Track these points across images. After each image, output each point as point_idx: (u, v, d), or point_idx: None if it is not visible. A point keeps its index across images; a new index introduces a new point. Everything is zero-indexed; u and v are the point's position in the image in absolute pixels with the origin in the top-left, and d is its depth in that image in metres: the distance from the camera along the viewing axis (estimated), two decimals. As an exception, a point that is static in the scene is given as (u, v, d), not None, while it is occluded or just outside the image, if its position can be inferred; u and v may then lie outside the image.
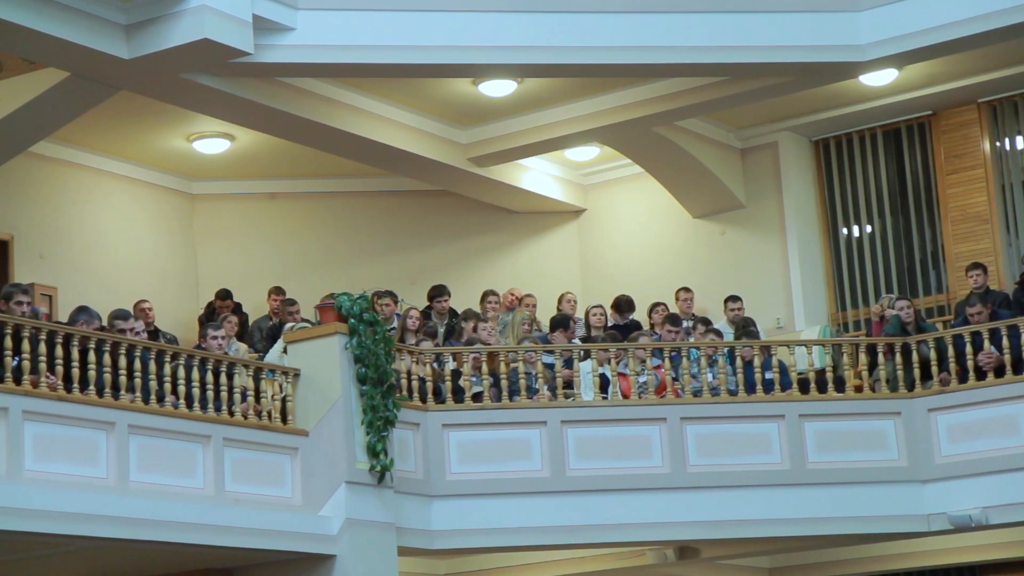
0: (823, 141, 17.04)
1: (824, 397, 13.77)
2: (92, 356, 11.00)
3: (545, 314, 15.76)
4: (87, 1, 12.05)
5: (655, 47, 13.68)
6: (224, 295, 15.88)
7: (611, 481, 13.28)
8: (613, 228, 17.55)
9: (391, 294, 14.65)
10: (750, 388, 13.73)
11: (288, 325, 14.29)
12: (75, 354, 10.91)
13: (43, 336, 10.74)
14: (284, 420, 12.29)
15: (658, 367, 13.89)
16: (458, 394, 13.39)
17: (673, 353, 13.94)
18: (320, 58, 13.20)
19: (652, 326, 15.40)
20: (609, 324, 15.52)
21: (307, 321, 14.44)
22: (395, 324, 14.43)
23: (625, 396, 13.70)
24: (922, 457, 13.62)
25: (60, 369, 10.80)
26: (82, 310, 11.77)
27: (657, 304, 15.65)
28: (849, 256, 16.85)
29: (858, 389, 13.99)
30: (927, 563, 15.66)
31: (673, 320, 14.81)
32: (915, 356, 13.81)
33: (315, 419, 12.28)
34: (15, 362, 10.54)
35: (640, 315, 15.84)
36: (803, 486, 13.46)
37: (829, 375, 13.90)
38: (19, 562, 11.30)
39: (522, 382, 13.44)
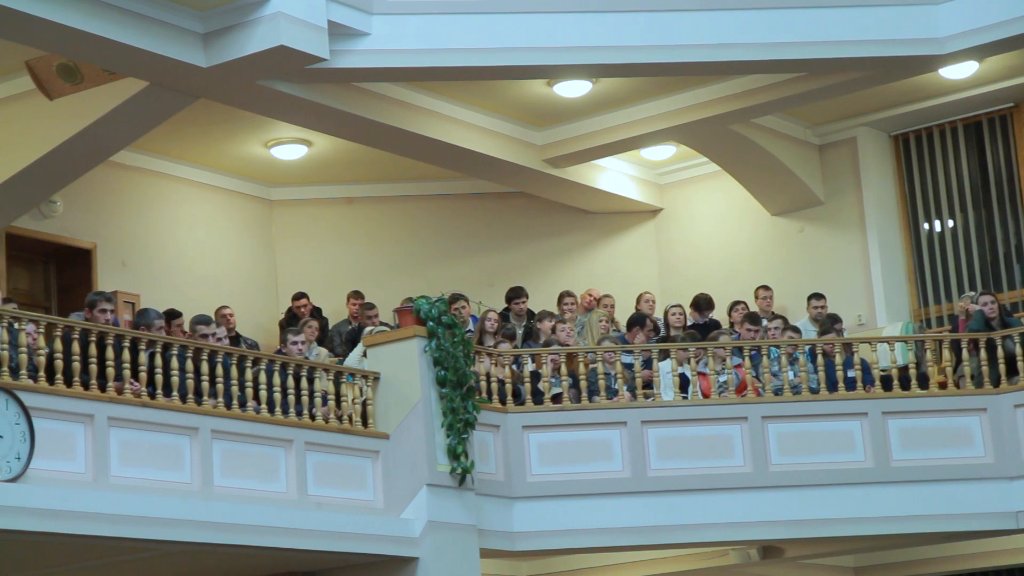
0: (903, 136, 16.87)
1: (908, 394, 13.63)
2: (175, 362, 11.09)
3: (624, 314, 15.72)
4: (165, 11, 12.16)
5: (731, 44, 13.60)
6: (298, 296, 15.99)
7: (693, 481, 13.23)
8: (691, 227, 17.47)
9: (464, 297, 14.66)
10: (832, 386, 13.62)
11: (367, 329, 14.34)
12: (158, 360, 11.01)
13: (126, 343, 10.85)
14: (365, 424, 12.34)
15: (738, 366, 13.81)
16: (537, 396, 13.39)
17: (753, 352, 13.85)
18: (395, 62, 13.24)
19: (732, 325, 15.31)
20: (688, 323, 15.45)
21: (386, 325, 14.49)
22: (471, 327, 14.44)
23: (705, 395, 13.64)
24: (1009, 453, 13.44)
25: (143, 376, 10.91)
26: (141, 314, 11.89)
27: (737, 303, 15.56)
28: (931, 251, 16.67)
29: (942, 385, 13.83)
30: (1015, 561, 15.46)
31: (752, 319, 14.71)
32: (1000, 351, 13.63)
33: (395, 422, 12.32)
34: (99, 369, 10.65)
35: (720, 314, 15.76)
36: (888, 484, 13.34)
37: (912, 372, 13.75)
38: (106, 567, 11.41)
39: (601, 383, 13.41)
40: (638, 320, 14.78)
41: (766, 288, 15.92)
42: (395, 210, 17.51)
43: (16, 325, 10.31)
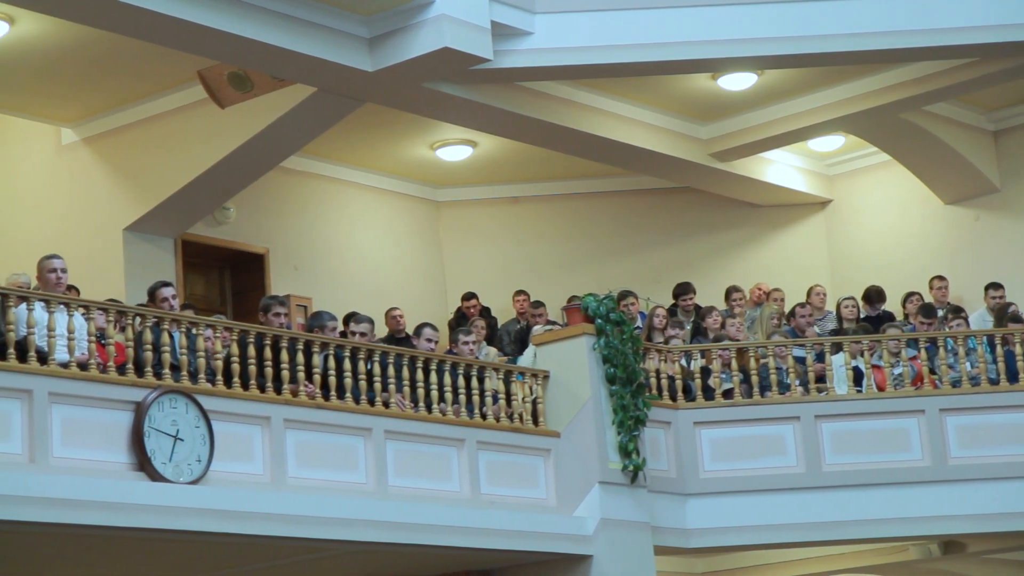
0: (1080, 119, 16.45)
1: (1092, 384, 13.27)
2: (348, 364, 11.21)
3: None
4: (331, 17, 12.32)
5: (901, 31, 13.34)
6: (468, 296, 16.09)
7: (869, 475, 13.04)
8: (862, 218, 17.22)
9: (632, 294, 14.61)
10: (1012, 377, 13.29)
11: (535, 328, 14.37)
12: (331, 362, 11.15)
13: (300, 346, 11.00)
14: (535, 422, 12.36)
15: (913, 358, 13.55)
16: (708, 392, 13.29)
17: (928, 343, 13.58)
18: (559, 61, 13.24)
19: (906, 316, 15.04)
20: (861, 316, 15.22)
21: (553, 323, 14.50)
22: (640, 323, 14.38)
23: (880, 388, 13.41)
24: None
25: (317, 377, 11.05)
26: (314, 316, 12.04)
27: (911, 294, 15.29)
28: (1113, 236, 16.22)
29: None
30: None
31: (927, 310, 14.44)
32: None
33: (566, 420, 12.33)
34: (275, 372, 10.82)
35: (894, 305, 15.49)
36: (1075, 476, 13.01)
37: (1097, 361, 13.37)
38: (283, 567, 11.58)
39: (773, 377, 13.27)
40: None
41: (941, 278, 15.62)
42: (561, 208, 17.53)
43: (194, 330, 10.53)
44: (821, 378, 13.50)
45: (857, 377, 13.45)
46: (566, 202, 17.54)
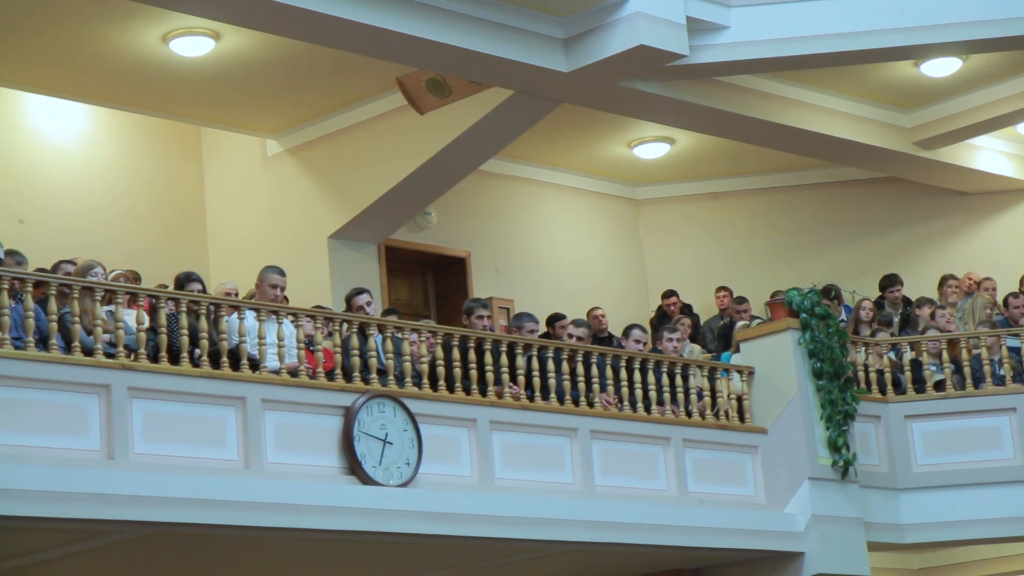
0: None
1: None
2: (551, 364, 11.25)
3: (1007, 298, 15.14)
4: (527, 20, 12.37)
5: (1113, 7, 12.92)
6: (668, 293, 16.03)
7: (1090, 467, 12.66)
8: (1077, 203, 16.74)
9: (836, 288, 14.32)
10: None
11: (739, 323, 14.25)
12: (535, 363, 11.19)
13: (504, 348, 11.06)
14: (741, 419, 12.26)
15: None
16: (919, 384, 13.02)
17: None
18: (756, 54, 13.09)
19: None
20: (1077, 303, 14.75)
21: (757, 318, 14.36)
22: (844, 317, 14.16)
23: (1100, 378, 13.01)
24: None
25: (521, 379, 11.11)
26: (516, 318, 12.09)
27: None
28: None
29: None
30: None
31: None
32: None
33: (773, 416, 12.21)
34: (479, 374, 10.90)
35: (1111, 292, 14.99)
36: None
37: None
38: (492, 569, 11.65)
39: (986, 368, 12.94)
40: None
41: None
42: (761, 203, 17.35)
43: (399, 335, 10.67)
44: (1037, 368, 13.16)
45: (1075, 366, 13.08)
46: (766, 196, 17.36)
